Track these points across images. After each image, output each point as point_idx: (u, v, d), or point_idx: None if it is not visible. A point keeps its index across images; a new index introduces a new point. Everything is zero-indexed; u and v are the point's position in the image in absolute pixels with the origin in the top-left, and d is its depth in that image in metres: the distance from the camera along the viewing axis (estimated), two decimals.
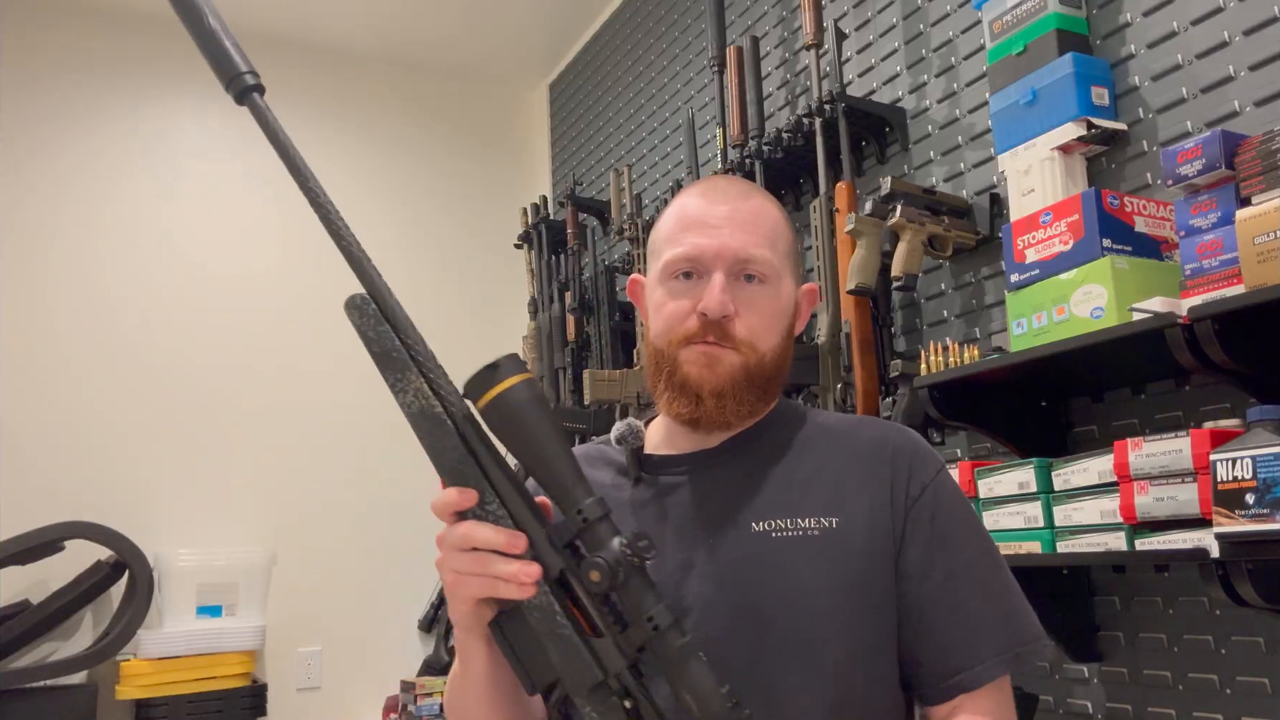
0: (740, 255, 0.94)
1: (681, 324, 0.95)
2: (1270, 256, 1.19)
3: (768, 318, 0.96)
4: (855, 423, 1.03)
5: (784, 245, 0.99)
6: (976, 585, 0.93)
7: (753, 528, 0.92)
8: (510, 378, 0.79)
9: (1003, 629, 0.92)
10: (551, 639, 0.77)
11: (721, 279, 0.93)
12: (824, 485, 0.95)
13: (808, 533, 0.92)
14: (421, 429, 0.80)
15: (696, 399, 0.94)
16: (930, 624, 0.92)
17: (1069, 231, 1.47)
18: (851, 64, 2.22)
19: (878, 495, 0.94)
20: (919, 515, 0.94)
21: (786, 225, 1.02)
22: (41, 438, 2.92)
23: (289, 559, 3.10)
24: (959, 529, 0.95)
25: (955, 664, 0.91)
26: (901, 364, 1.79)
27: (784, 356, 0.99)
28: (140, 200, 3.17)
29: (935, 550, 0.93)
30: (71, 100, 3.13)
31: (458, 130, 3.73)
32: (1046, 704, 1.68)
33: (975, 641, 0.91)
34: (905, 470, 0.96)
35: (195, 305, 3.18)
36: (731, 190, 1.00)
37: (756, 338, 0.95)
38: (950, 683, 0.90)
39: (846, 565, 0.91)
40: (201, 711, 2.70)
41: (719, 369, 0.93)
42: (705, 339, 0.93)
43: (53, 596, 2.75)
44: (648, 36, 3.11)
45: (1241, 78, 1.45)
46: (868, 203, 1.87)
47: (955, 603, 0.92)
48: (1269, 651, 1.38)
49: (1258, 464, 1.13)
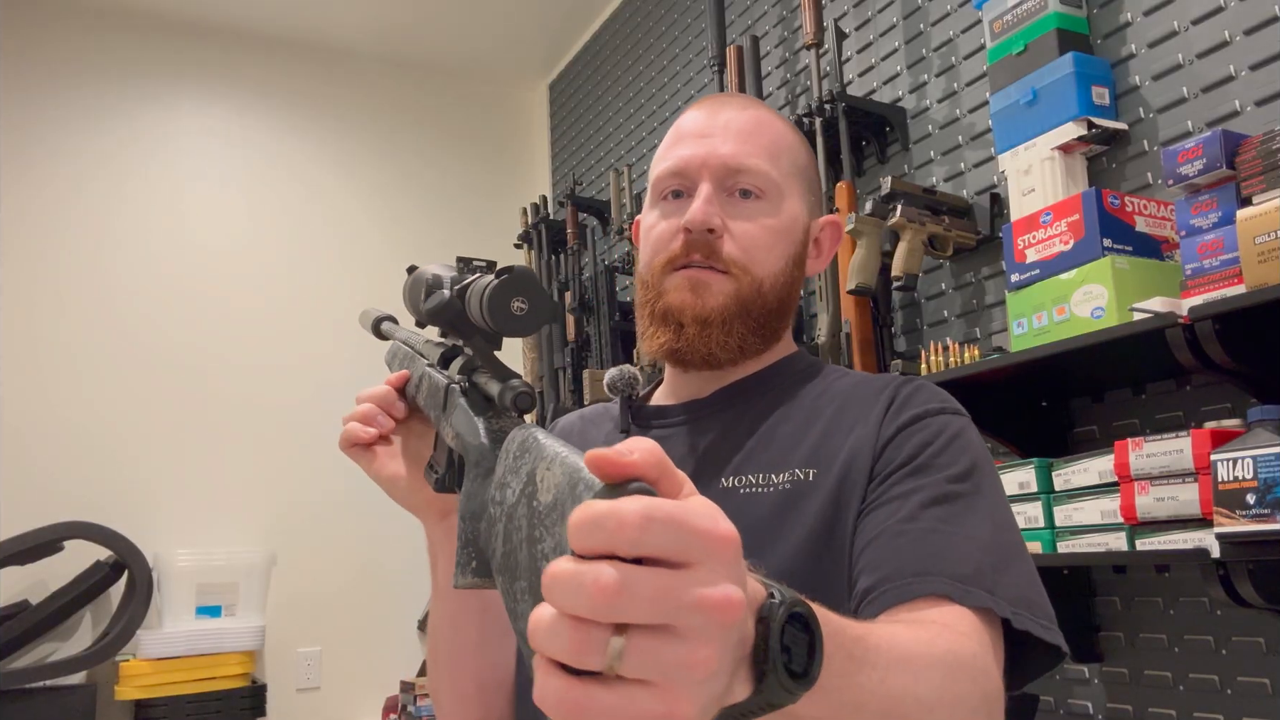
0: (730, 164, 0.84)
1: (666, 246, 0.85)
2: (1271, 256, 1.19)
3: (765, 236, 0.84)
4: (871, 376, 0.88)
5: (789, 162, 0.88)
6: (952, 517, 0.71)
7: (720, 484, 0.81)
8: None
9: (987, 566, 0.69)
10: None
11: (708, 189, 0.83)
12: (812, 435, 0.81)
13: (778, 487, 0.79)
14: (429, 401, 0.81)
15: (678, 326, 0.83)
16: (869, 538, 0.71)
17: (1069, 231, 1.47)
18: (851, 64, 2.22)
19: (862, 436, 0.78)
20: (903, 439, 0.77)
21: (797, 143, 0.90)
22: (41, 438, 2.92)
23: (289, 559, 3.10)
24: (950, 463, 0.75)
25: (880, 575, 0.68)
26: (901, 364, 1.78)
27: (786, 288, 0.86)
28: (142, 202, 3.17)
29: (907, 471, 0.74)
30: (75, 102, 3.13)
31: (458, 130, 3.73)
32: (1047, 704, 1.68)
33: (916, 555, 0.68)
34: (900, 405, 0.80)
35: (195, 306, 3.18)
36: (732, 101, 0.90)
37: (750, 259, 0.83)
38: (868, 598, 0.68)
39: (811, 519, 0.76)
40: (201, 712, 2.70)
41: (704, 294, 0.82)
42: (690, 259, 0.83)
43: (52, 597, 2.75)
44: (648, 36, 3.11)
45: (1242, 77, 1.45)
46: (868, 202, 1.86)
47: (909, 513, 0.71)
48: (1269, 651, 1.38)
49: (1258, 464, 1.13)
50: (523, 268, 0.65)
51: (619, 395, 0.93)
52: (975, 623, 0.66)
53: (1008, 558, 0.71)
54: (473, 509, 0.62)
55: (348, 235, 3.45)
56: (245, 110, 3.37)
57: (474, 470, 0.64)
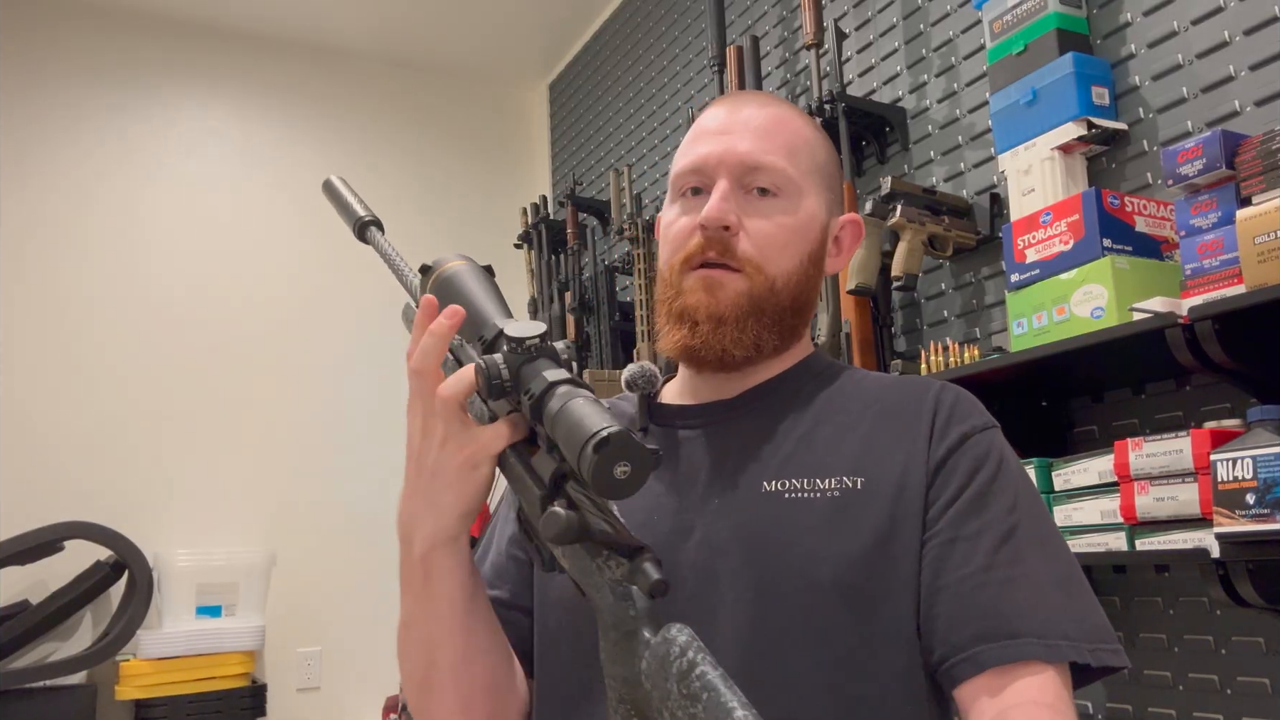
0: (747, 161, 0.84)
1: (684, 243, 0.85)
2: (1270, 256, 1.19)
3: (781, 234, 0.84)
4: (896, 379, 0.88)
5: (808, 160, 0.87)
6: (1017, 554, 0.75)
7: (763, 488, 0.80)
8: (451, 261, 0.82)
9: (1043, 611, 0.72)
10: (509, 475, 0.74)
11: (725, 186, 0.83)
12: (853, 443, 0.81)
13: (827, 494, 0.78)
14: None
15: (693, 324, 0.83)
16: (947, 581, 0.74)
17: (1069, 231, 1.47)
18: (851, 64, 2.22)
19: (913, 452, 0.79)
20: (954, 465, 0.79)
21: (817, 141, 0.90)
22: (42, 438, 2.92)
23: (289, 559, 3.10)
24: (1003, 488, 0.78)
25: (974, 632, 0.72)
26: (901, 364, 1.79)
27: (803, 286, 0.86)
28: (141, 202, 3.17)
29: (968, 502, 0.77)
30: (75, 102, 3.13)
31: (458, 130, 3.73)
32: None
33: (1004, 610, 0.72)
34: (945, 421, 0.81)
35: (196, 305, 3.18)
36: (752, 99, 0.90)
37: (765, 257, 0.83)
38: (965, 655, 0.72)
39: (868, 531, 0.76)
40: (201, 712, 2.70)
41: (719, 293, 0.83)
42: (706, 257, 0.83)
43: (52, 596, 2.75)
44: (648, 36, 3.11)
45: (1242, 77, 1.45)
46: (868, 202, 1.87)
47: (985, 562, 0.74)
48: (1269, 651, 1.38)
49: (1258, 464, 1.13)
50: (619, 433, 0.61)
51: (638, 392, 0.91)
52: (1059, 684, 0.72)
53: (1071, 587, 0.76)
54: (625, 675, 0.64)
55: (348, 235, 3.43)
56: (246, 110, 3.37)
57: (611, 632, 0.65)
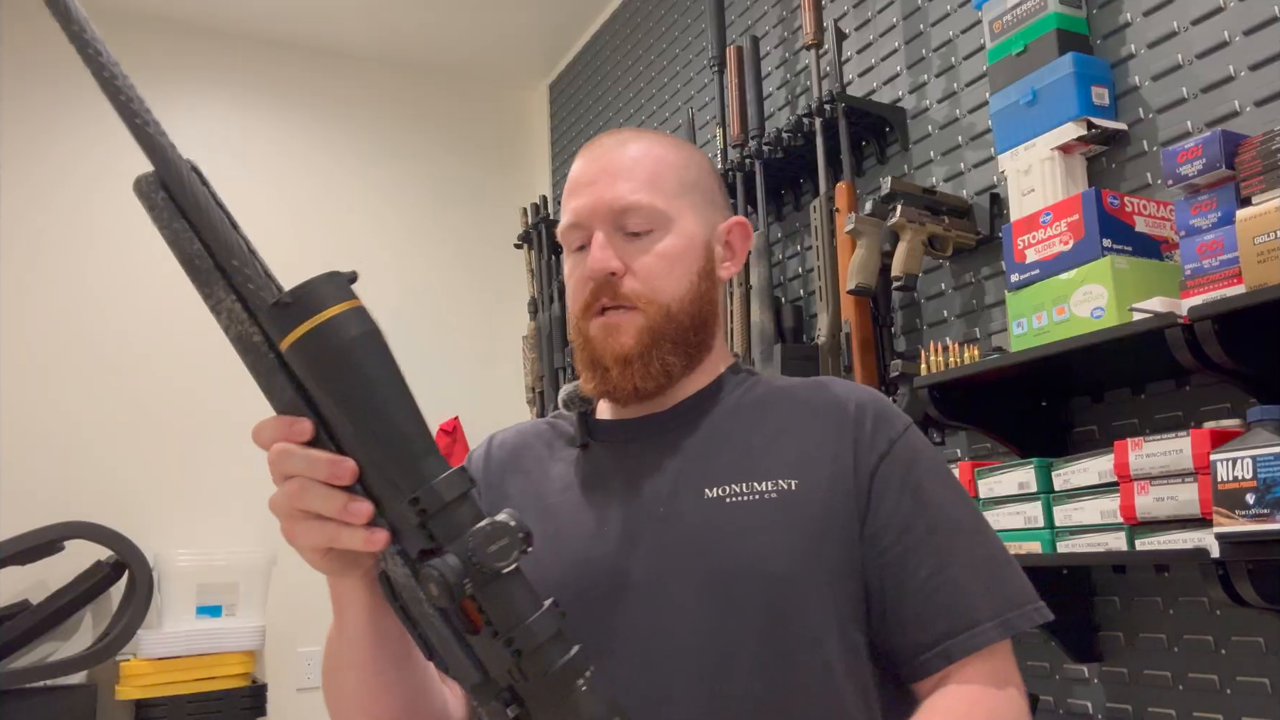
0: (615, 206, 0.89)
1: (580, 296, 0.90)
2: (1270, 256, 1.19)
3: (663, 264, 0.89)
4: (816, 382, 0.95)
5: (675, 183, 0.92)
6: (960, 544, 0.84)
7: (706, 494, 0.85)
8: (331, 307, 0.58)
9: (994, 590, 0.83)
10: (427, 623, 0.61)
11: (601, 237, 0.89)
12: (785, 447, 0.88)
13: (765, 496, 0.84)
14: (245, 360, 0.63)
15: (603, 370, 0.89)
16: (909, 588, 0.82)
17: (1069, 231, 1.47)
18: (851, 64, 2.22)
19: (841, 455, 0.86)
20: (888, 472, 0.86)
21: (682, 161, 0.94)
22: (42, 438, 2.92)
23: (289, 559, 3.08)
24: (935, 484, 0.87)
25: (940, 630, 0.81)
26: (901, 364, 1.79)
27: (699, 304, 0.91)
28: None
29: (910, 506, 0.85)
30: (75, 102, 3.13)
31: (458, 130, 3.73)
32: (1046, 704, 1.68)
33: (962, 604, 0.82)
34: (869, 427, 0.88)
35: (196, 305, 3.16)
36: (608, 142, 0.95)
37: (654, 290, 0.88)
38: (934, 651, 0.81)
39: (806, 528, 0.83)
40: (201, 711, 2.70)
41: (619, 335, 0.88)
42: (601, 304, 0.89)
43: (53, 596, 2.75)
44: (648, 36, 3.11)
45: (1241, 78, 1.45)
46: (868, 203, 1.87)
47: (938, 562, 0.83)
48: (1269, 651, 1.38)
49: (1258, 464, 1.13)
50: None
51: (575, 410, 0.96)
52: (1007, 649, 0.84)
53: (1003, 558, 0.87)
54: None
55: (347, 235, 3.45)
56: (245, 111, 3.37)
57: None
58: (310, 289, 0.59)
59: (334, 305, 0.59)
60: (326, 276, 0.60)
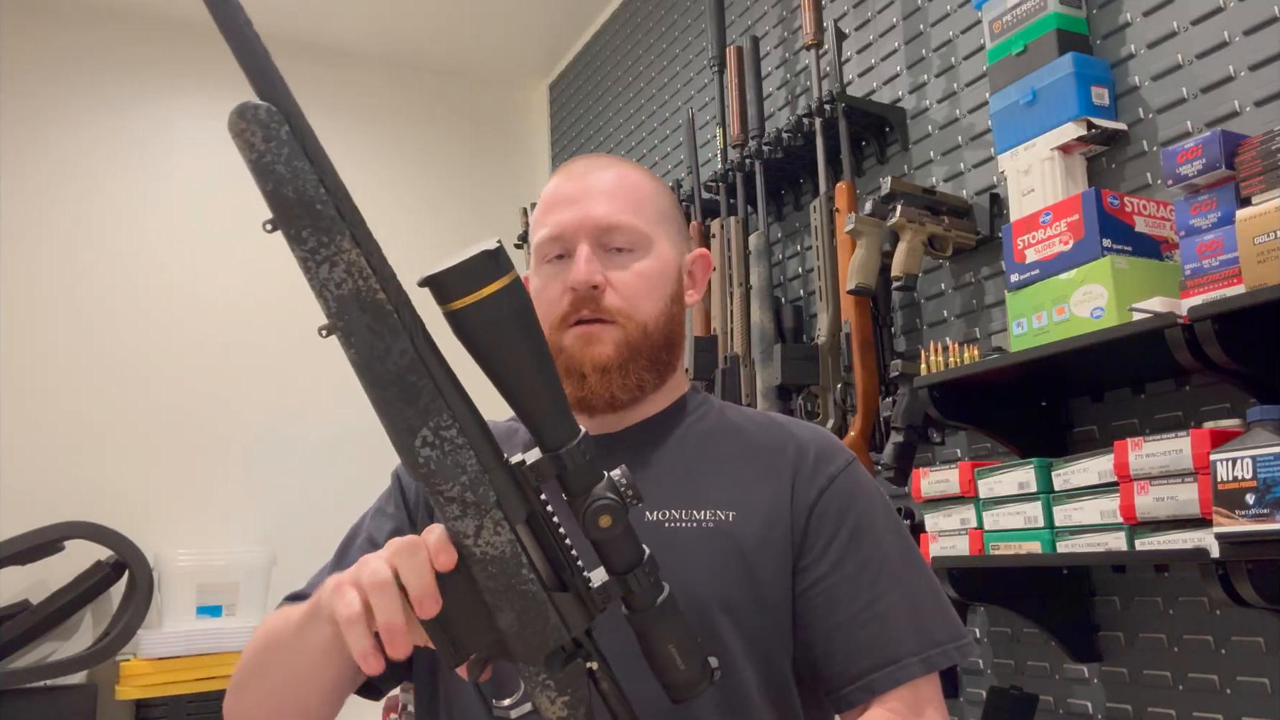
0: (602, 224, 0.92)
1: (558, 306, 0.92)
2: (1270, 256, 1.19)
3: (642, 283, 0.93)
4: (766, 419, 1.00)
5: (653, 210, 0.96)
6: (890, 580, 0.88)
7: (647, 517, 0.89)
8: (503, 277, 0.63)
9: (920, 626, 0.87)
10: (509, 596, 0.64)
11: (586, 250, 0.92)
12: (725, 478, 0.92)
13: (702, 525, 0.88)
14: (353, 321, 0.61)
15: (581, 377, 0.91)
16: (838, 621, 0.87)
17: (1069, 231, 1.47)
18: (851, 64, 2.22)
19: (778, 491, 0.91)
20: (825, 508, 0.90)
21: (657, 190, 0.99)
22: (42, 438, 2.92)
23: (289, 559, 3.10)
24: (873, 520, 0.91)
25: (866, 664, 0.85)
26: (901, 364, 1.79)
27: (670, 325, 0.96)
28: (141, 201, 3.17)
29: (845, 541, 0.89)
30: (74, 101, 3.13)
31: (458, 130, 3.73)
32: (1046, 704, 1.68)
33: (888, 640, 0.86)
34: (810, 465, 0.92)
35: (196, 305, 3.18)
36: (591, 164, 0.98)
37: (633, 306, 0.92)
38: (859, 684, 0.85)
39: (739, 559, 0.87)
40: (201, 712, 2.69)
41: (596, 345, 0.91)
42: (580, 315, 0.91)
43: (53, 596, 2.75)
44: (648, 36, 3.11)
45: (1241, 78, 1.45)
46: (868, 203, 1.87)
47: (868, 599, 0.87)
48: (1269, 651, 1.38)
49: (1258, 464, 1.13)
50: None
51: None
52: (933, 684, 0.88)
53: (935, 592, 0.91)
54: None
55: None
56: None
57: None
58: (487, 256, 0.62)
59: (505, 274, 0.63)
60: (497, 248, 0.63)
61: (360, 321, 0.60)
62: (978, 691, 1.78)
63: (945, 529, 1.61)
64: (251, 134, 0.58)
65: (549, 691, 0.66)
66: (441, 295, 0.62)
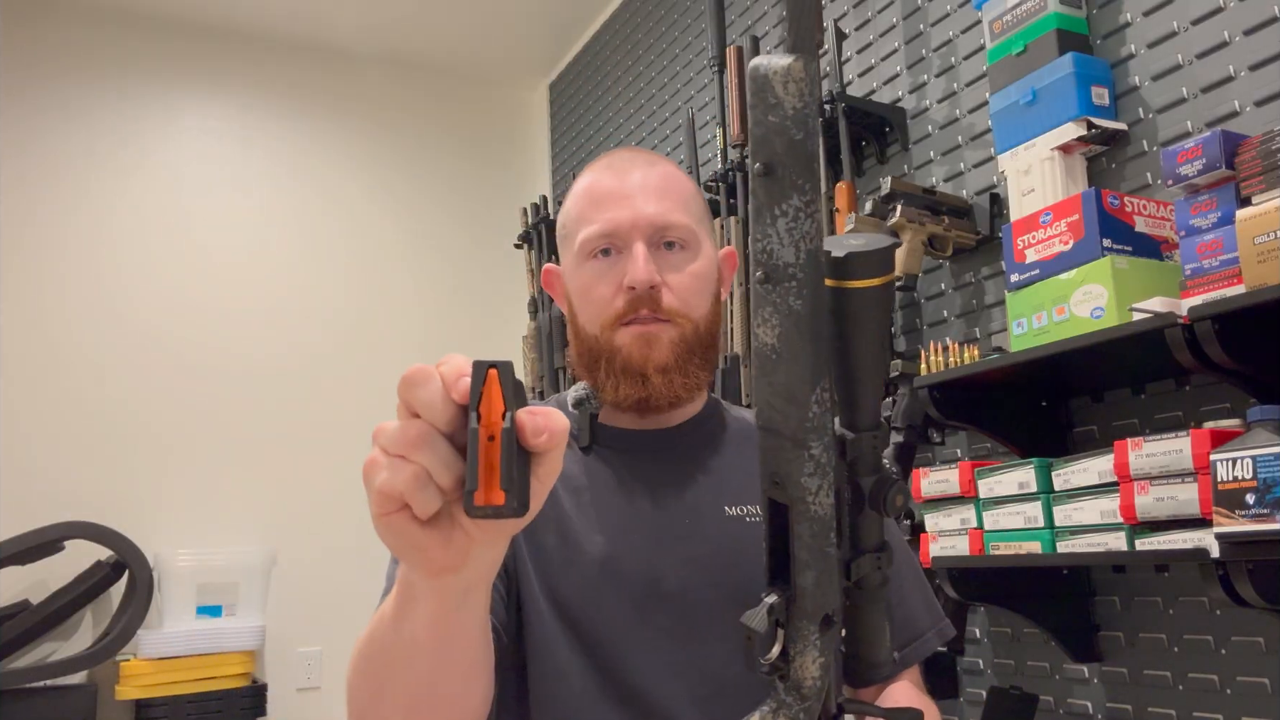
0: (657, 222, 0.92)
1: (610, 305, 0.92)
2: (1270, 256, 1.19)
3: (695, 283, 0.93)
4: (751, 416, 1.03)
5: (697, 209, 0.97)
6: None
7: (726, 511, 0.91)
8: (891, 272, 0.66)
9: (929, 602, 0.96)
10: (818, 557, 0.66)
11: (643, 249, 0.91)
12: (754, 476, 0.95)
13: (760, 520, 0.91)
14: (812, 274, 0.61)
15: (642, 379, 0.91)
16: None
17: (1069, 231, 1.47)
18: (851, 64, 2.22)
19: None
20: None
21: (696, 189, 1.00)
22: (41, 438, 2.92)
23: (289, 559, 3.10)
24: None
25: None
26: (901, 364, 1.79)
27: (715, 322, 0.97)
28: (142, 201, 3.17)
29: None
30: (75, 101, 3.13)
31: (458, 130, 3.73)
32: (1046, 704, 1.68)
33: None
34: None
35: (196, 305, 3.18)
36: (637, 159, 0.97)
37: (688, 306, 0.92)
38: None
39: None
40: (201, 711, 2.70)
41: (658, 346, 0.91)
42: (637, 315, 0.91)
43: (53, 596, 2.75)
44: (648, 36, 3.11)
45: (1241, 78, 1.45)
46: (868, 203, 1.86)
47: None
48: (1269, 651, 1.38)
49: (1258, 464, 1.13)
50: None
51: (584, 412, 0.98)
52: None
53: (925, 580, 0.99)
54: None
55: (347, 235, 3.45)
56: (245, 110, 3.37)
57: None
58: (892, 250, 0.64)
59: (892, 270, 0.66)
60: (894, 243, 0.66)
61: (815, 275, 0.62)
62: (978, 691, 1.78)
63: (945, 529, 1.61)
64: (804, 86, 0.60)
65: (813, 651, 0.68)
66: (844, 272, 0.64)
